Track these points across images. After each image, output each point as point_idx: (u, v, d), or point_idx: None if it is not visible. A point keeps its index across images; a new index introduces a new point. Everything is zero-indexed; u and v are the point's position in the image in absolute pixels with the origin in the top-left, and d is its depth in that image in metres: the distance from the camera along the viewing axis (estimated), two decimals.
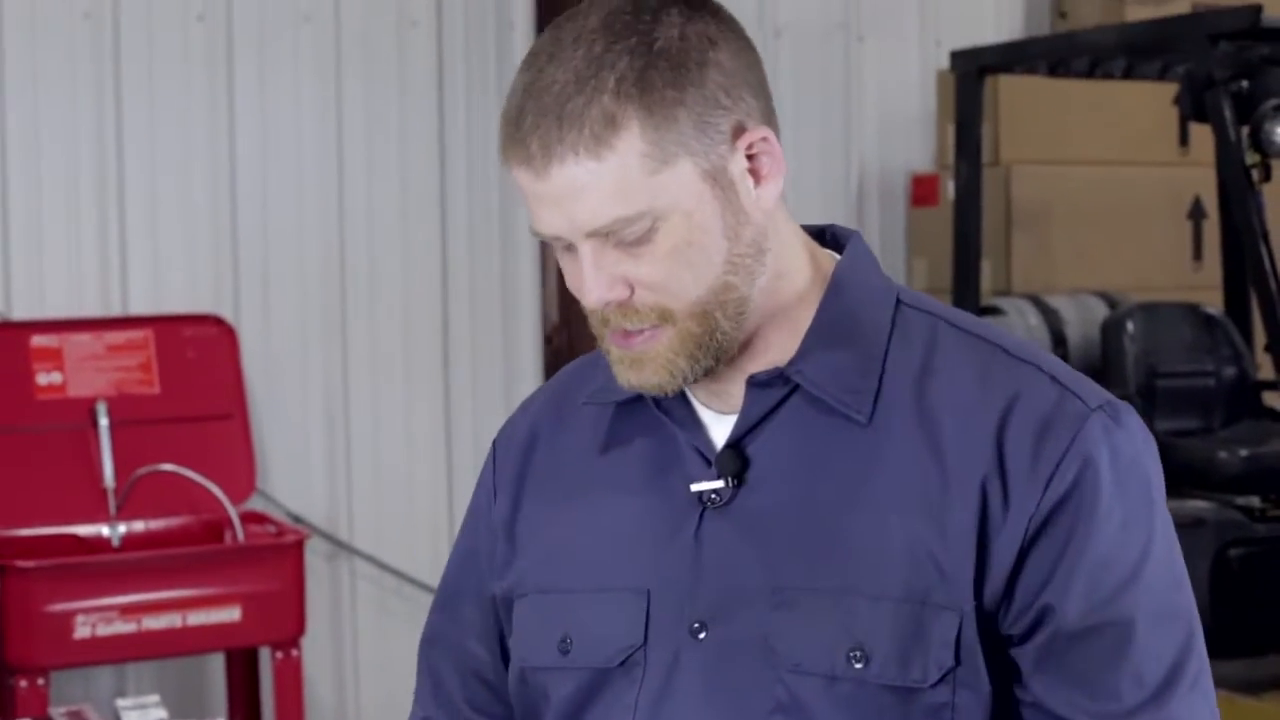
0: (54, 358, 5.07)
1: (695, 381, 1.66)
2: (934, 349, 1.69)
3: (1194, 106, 4.83)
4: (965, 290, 5.41)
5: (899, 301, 1.73)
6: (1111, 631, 1.60)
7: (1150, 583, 1.62)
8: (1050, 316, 5.54)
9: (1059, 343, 5.50)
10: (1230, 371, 5.42)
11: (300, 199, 5.51)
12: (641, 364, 1.65)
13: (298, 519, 5.42)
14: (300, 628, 4.83)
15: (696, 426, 1.72)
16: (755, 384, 1.68)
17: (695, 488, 1.68)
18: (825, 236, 1.78)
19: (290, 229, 5.49)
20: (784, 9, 6.20)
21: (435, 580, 5.94)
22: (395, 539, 5.63)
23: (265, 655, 4.97)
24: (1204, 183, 5.92)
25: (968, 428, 1.63)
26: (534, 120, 1.58)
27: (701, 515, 1.68)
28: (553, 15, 6.05)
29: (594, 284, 1.61)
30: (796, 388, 1.68)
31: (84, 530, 4.97)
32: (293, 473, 5.50)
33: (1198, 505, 4.81)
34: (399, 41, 5.64)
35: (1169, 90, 5.48)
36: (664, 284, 1.61)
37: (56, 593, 4.54)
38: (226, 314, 5.36)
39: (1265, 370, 5.24)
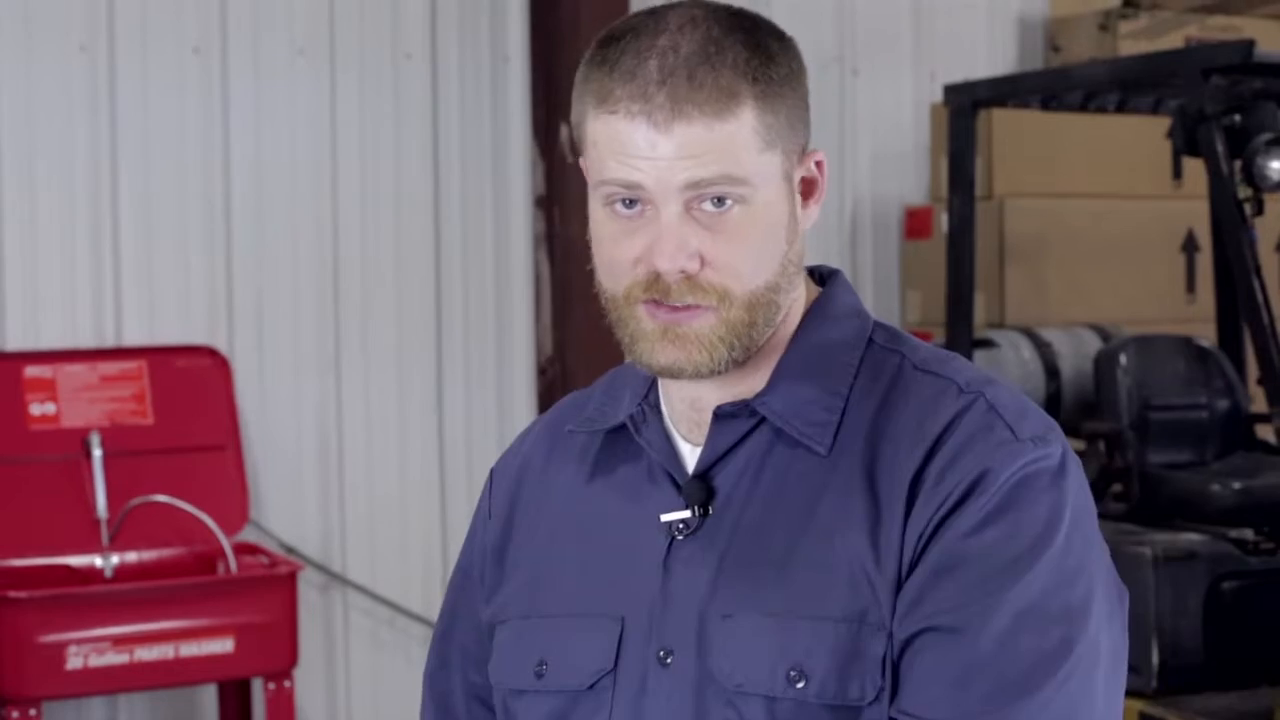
0: (48, 388, 5.07)
1: (723, 372, 1.68)
2: (894, 385, 1.72)
3: (1187, 141, 4.83)
4: (959, 323, 5.41)
5: (870, 340, 1.76)
6: (951, 635, 1.58)
7: (1019, 603, 1.59)
8: (1043, 349, 5.54)
9: (1052, 375, 5.50)
10: (1223, 404, 5.42)
11: (294, 231, 5.51)
12: (684, 340, 1.66)
13: (291, 550, 5.41)
14: (293, 659, 4.82)
15: (674, 458, 1.75)
16: (721, 415, 1.72)
17: (665, 518, 1.71)
18: (814, 276, 1.81)
19: (284, 261, 5.50)
20: None
21: (428, 612, 5.92)
22: (388, 571, 5.63)
23: (258, 686, 4.96)
24: (1197, 216, 5.93)
25: (902, 454, 1.66)
26: (661, 76, 1.61)
27: (670, 545, 1.71)
28: (548, 48, 6.02)
29: (674, 246, 1.63)
30: (763, 420, 1.71)
31: (77, 561, 4.96)
32: (286, 504, 5.50)
33: (1191, 538, 4.81)
34: (394, 74, 5.65)
35: (1162, 124, 5.49)
36: (733, 264, 1.63)
37: (49, 623, 4.53)
38: (220, 345, 5.36)
39: (1258, 403, 5.24)
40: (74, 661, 4.53)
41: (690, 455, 1.75)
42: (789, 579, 1.65)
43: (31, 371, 5.07)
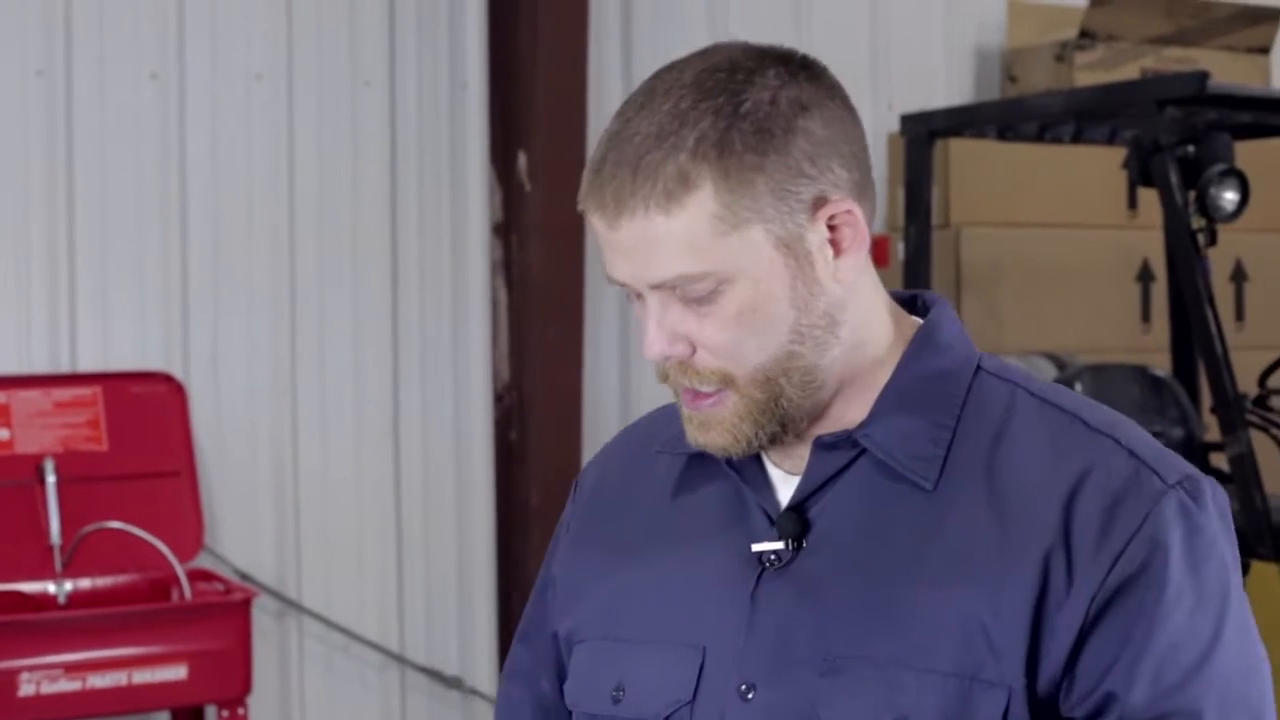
0: (1, 414, 5.04)
1: (762, 447, 1.65)
2: (1010, 417, 1.65)
3: (1141, 171, 4.86)
4: None
5: (979, 368, 1.70)
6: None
7: (1220, 671, 1.57)
8: None
9: None
10: (1178, 433, 5.44)
11: (251, 257, 5.50)
12: (708, 426, 1.63)
13: (246, 577, 5.39)
14: (247, 686, 4.80)
15: (765, 485, 1.70)
16: (821, 446, 1.66)
17: (756, 548, 1.66)
18: (916, 303, 1.76)
19: (241, 286, 5.48)
20: None
21: (383, 639, 5.90)
22: (344, 597, 5.61)
23: (212, 714, 4.93)
24: (1153, 246, 5.96)
25: (1035, 498, 1.58)
26: (611, 170, 1.57)
27: (760, 576, 1.66)
28: (506, 76, 6.03)
29: (655, 338, 1.61)
30: (864, 451, 1.65)
31: (30, 587, 4.93)
32: (241, 531, 5.48)
33: None
34: (352, 100, 5.65)
35: (1118, 154, 5.52)
36: (726, 348, 1.60)
37: (1, 650, 4.50)
38: (176, 372, 5.34)
39: (1212, 432, 5.27)
40: (26, 689, 4.50)
41: (782, 483, 1.69)
42: (895, 625, 1.59)
43: None
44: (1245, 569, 4.68)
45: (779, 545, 1.65)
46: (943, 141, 5.79)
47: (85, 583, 4.99)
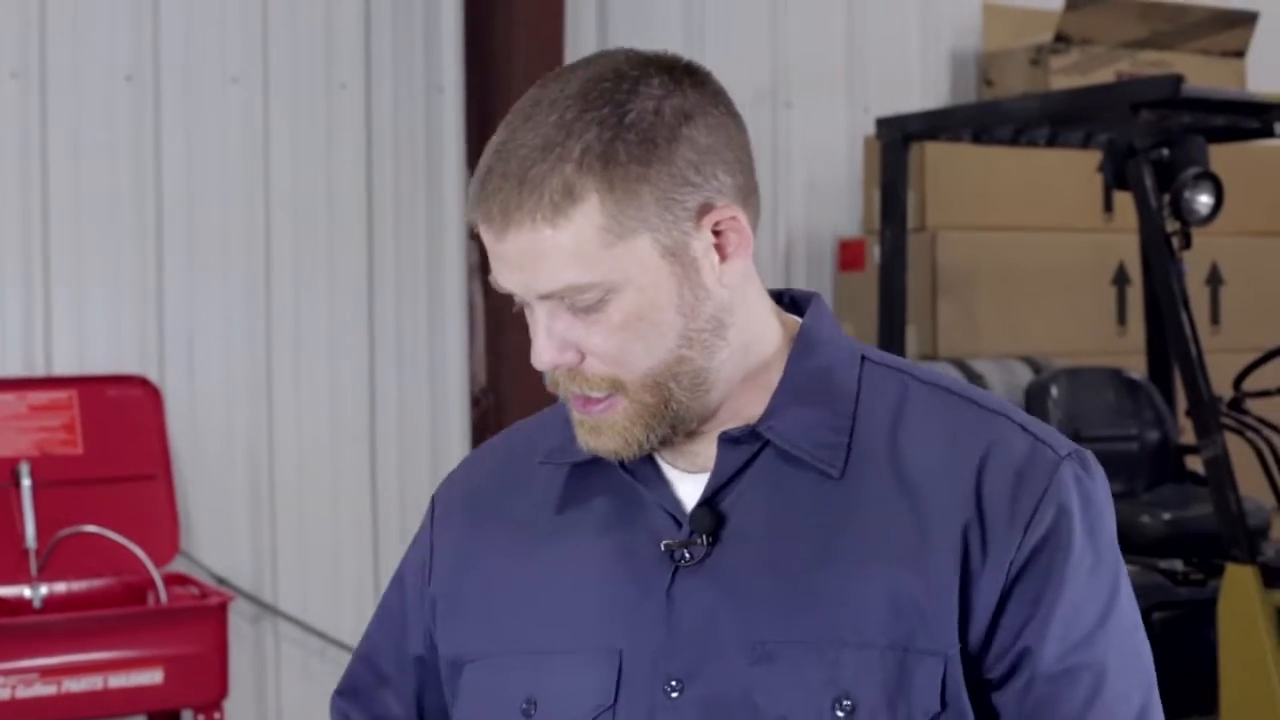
0: None
1: (653, 449, 1.67)
2: (904, 404, 1.71)
3: (1116, 174, 4.87)
4: (890, 353, 5.43)
5: (864, 359, 1.75)
6: (1086, 675, 1.64)
7: (1119, 624, 1.67)
8: (975, 381, 5.56)
9: None
10: (1153, 436, 5.46)
11: (226, 260, 5.49)
12: (599, 430, 1.65)
13: (222, 581, 5.38)
14: (223, 690, 4.79)
15: (663, 485, 1.71)
16: (727, 440, 1.68)
17: (668, 544, 1.67)
18: (784, 299, 1.78)
19: (216, 290, 5.47)
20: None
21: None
22: (320, 602, 5.60)
23: (188, 718, 4.92)
24: (1128, 249, 5.98)
25: (944, 478, 1.65)
26: (497, 183, 1.58)
27: (674, 573, 1.67)
28: (482, 79, 6.01)
29: (544, 346, 1.62)
30: (766, 444, 1.68)
31: (5, 591, 4.92)
32: (217, 535, 5.47)
33: None
34: (327, 103, 5.64)
35: (1093, 157, 5.54)
36: (614, 355, 1.61)
37: None
38: (151, 375, 5.33)
39: (1188, 434, 5.28)
40: (1, 693, 4.49)
41: (681, 481, 1.71)
42: (823, 606, 1.63)
43: None
44: (1220, 571, 4.69)
45: (693, 540, 1.66)
46: (918, 145, 5.80)
47: (61, 586, 4.98)
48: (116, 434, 5.17)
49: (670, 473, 1.72)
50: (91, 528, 4.83)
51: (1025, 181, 6.16)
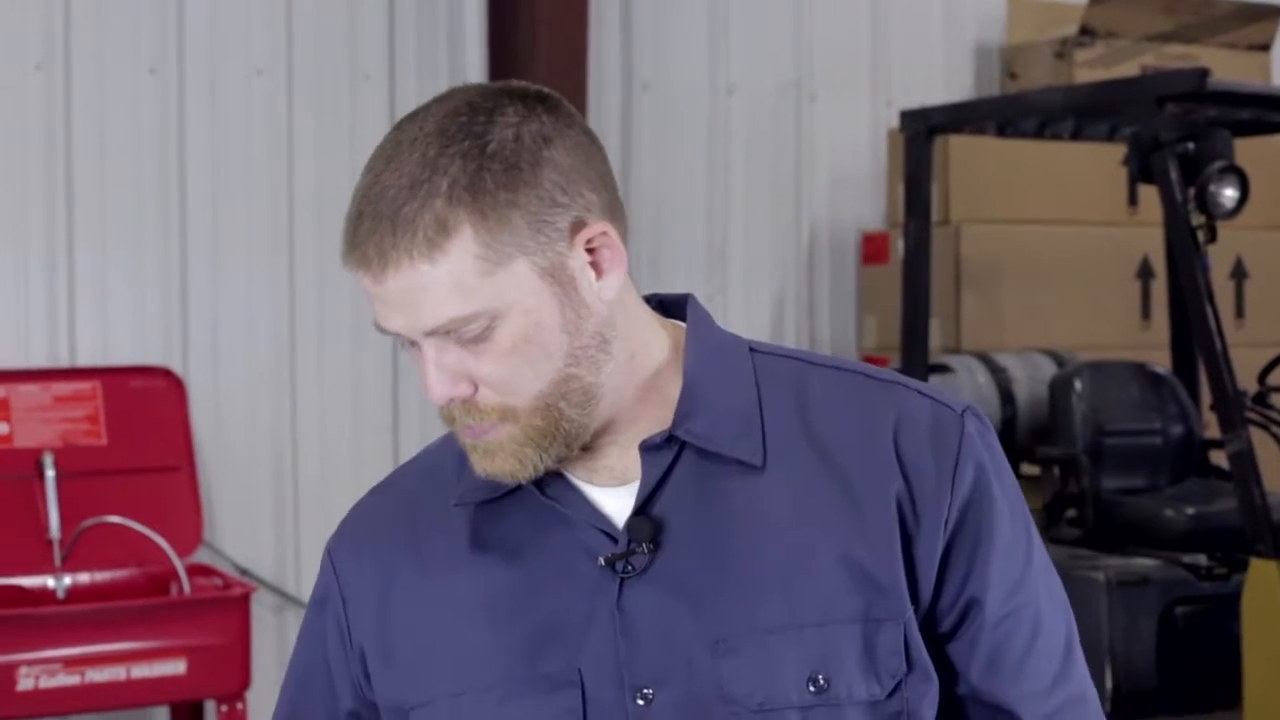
0: (1, 408, 5.04)
1: (548, 469, 1.67)
2: (804, 388, 1.74)
3: (1141, 168, 4.86)
4: (914, 348, 5.43)
5: (752, 350, 1.77)
6: (1027, 614, 1.72)
7: (1038, 565, 1.75)
8: (999, 374, 5.56)
9: (1007, 401, 5.52)
10: (1177, 430, 5.45)
11: (250, 252, 5.50)
12: (492, 454, 1.65)
13: (245, 572, 5.39)
14: (246, 681, 4.80)
15: (585, 503, 1.71)
16: (648, 449, 1.69)
17: (608, 559, 1.67)
18: (654, 304, 1.79)
19: (240, 281, 5.48)
20: (736, 68, 6.24)
21: None
22: None
23: (210, 709, 4.93)
24: (1153, 243, 5.96)
25: (864, 450, 1.70)
26: (370, 226, 1.60)
27: (620, 585, 1.67)
28: (506, 70, 6.02)
29: (436, 381, 1.63)
30: (684, 447, 1.70)
31: (29, 582, 4.93)
32: (240, 526, 5.48)
33: (1144, 563, 4.83)
34: (351, 95, 5.64)
35: (1118, 150, 5.52)
36: (505, 382, 1.62)
37: (0, 644, 4.50)
38: (175, 366, 5.34)
39: (1212, 429, 5.27)
40: (25, 683, 4.50)
41: (601, 496, 1.71)
42: (776, 591, 1.66)
43: None
44: (1243, 566, 4.68)
45: (632, 550, 1.67)
46: (942, 138, 5.79)
47: (84, 577, 4.99)
48: (140, 425, 5.18)
49: (588, 489, 1.72)
50: (115, 518, 4.84)
51: (1049, 175, 6.15)
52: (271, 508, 5.54)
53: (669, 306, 1.79)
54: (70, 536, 4.91)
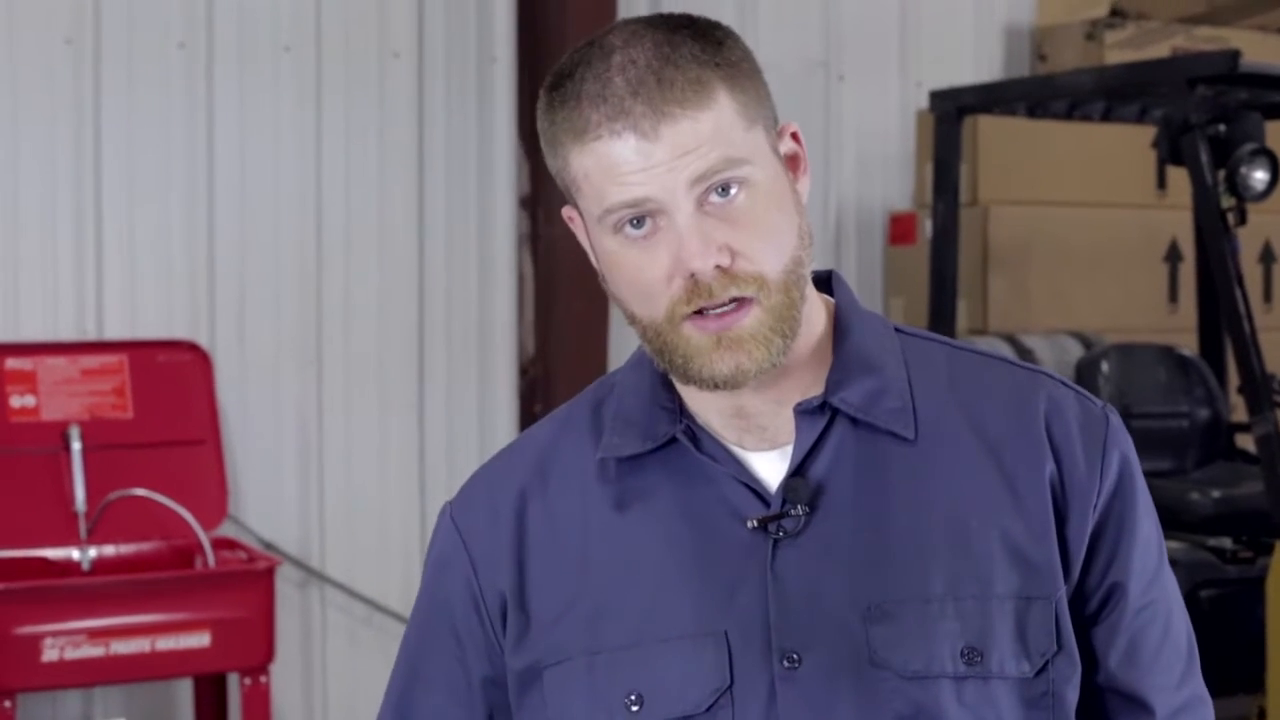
0: (28, 380, 5.05)
1: (778, 365, 1.66)
2: (952, 368, 1.77)
3: (1171, 150, 4.85)
4: (941, 329, 5.41)
5: (897, 330, 1.80)
6: (1161, 608, 1.76)
7: (1167, 564, 1.79)
8: (1025, 356, 5.54)
9: None
10: (1204, 413, 5.44)
11: (277, 227, 5.50)
12: (738, 343, 1.63)
13: (269, 546, 5.41)
14: (269, 654, 4.81)
15: (737, 464, 1.71)
16: (802, 412, 1.70)
17: (761, 519, 1.67)
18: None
19: (267, 256, 5.49)
20: (764, 47, 6.22)
21: (406, 610, 5.91)
22: (367, 567, 5.62)
23: (234, 681, 4.95)
24: (1181, 225, 5.94)
25: (1018, 432, 1.73)
26: (632, 89, 1.62)
27: (775, 547, 1.67)
28: (535, 49, 6.02)
29: (700, 244, 1.61)
30: (835, 415, 1.71)
31: (54, 554, 4.95)
32: (265, 499, 5.49)
33: (1170, 546, 4.77)
34: (380, 72, 5.64)
35: (1147, 133, 5.51)
36: (760, 249, 1.63)
37: (25, 615, 4.52)
38: (201, 340, 5.35)
39: (1239, 412, 5.26)
40: (50, 654, 4.52)
41: (753, 458, 1.72)
42: (932, 562, 1.67)
43: (11, 364, 5.05)
44: (1269, 549, 4.67)
45: (786, 513, 1.67)
46: (972, 119, 5.78)
47: (109, 549, 5.01)
48: (166, 398, 5.19)
49: (738, 452, 1.72)
50: (141, 491, 4.86)
51: (1078, 157, 6.13)
52: (296, 482, 5.55)
53: (818, 280, 1.81)
54: (96, 509, 4.93)
